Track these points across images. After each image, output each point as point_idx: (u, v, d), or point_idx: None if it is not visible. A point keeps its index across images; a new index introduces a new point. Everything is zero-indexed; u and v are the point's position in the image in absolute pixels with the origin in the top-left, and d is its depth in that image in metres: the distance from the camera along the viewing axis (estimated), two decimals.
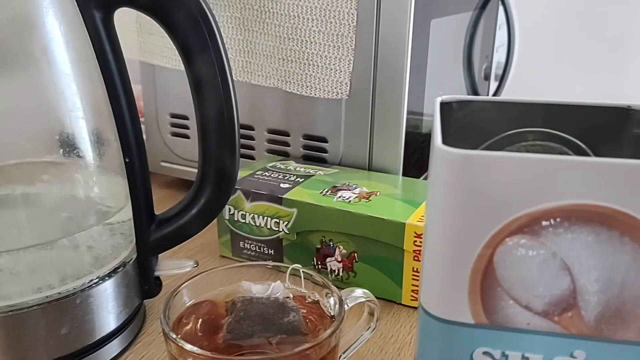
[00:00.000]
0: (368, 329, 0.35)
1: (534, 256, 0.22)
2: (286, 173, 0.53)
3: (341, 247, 0.47)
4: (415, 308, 0.45)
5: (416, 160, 0.57)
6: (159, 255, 0.42)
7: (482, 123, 0.31)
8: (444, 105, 0.29)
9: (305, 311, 0.32)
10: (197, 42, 0.37)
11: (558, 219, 0.21)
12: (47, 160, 0.34)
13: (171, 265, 0.42)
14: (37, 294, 0.33)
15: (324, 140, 0.56)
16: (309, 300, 0.33)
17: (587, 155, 0.28)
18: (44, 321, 0.34)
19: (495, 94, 0.76)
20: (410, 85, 0.50)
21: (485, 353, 0.23)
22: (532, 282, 0.22)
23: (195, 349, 0.27)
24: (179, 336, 0.28)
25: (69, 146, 0.34)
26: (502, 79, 0.76)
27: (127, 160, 0.37)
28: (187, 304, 0.32)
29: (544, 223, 0.21)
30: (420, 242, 0.43)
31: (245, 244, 0.51)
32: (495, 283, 0.22)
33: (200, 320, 0.32)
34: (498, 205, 0.21)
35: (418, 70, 0.52)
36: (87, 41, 0.34)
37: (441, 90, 0.58)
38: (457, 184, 0.22)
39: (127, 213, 0.38)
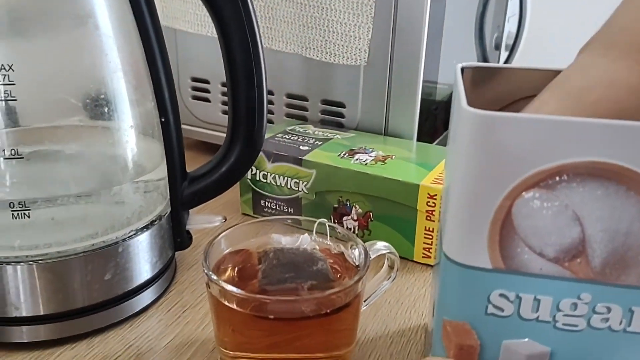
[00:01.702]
0: (388, 279, 0.37)
1: (549, 208, 0.24)
2: (305, 136, 0.55)
3: (357, 206, 0.50)
4: (427, 265, 0.48)
5: (429, 127, 0.59)
6: (190, 211, 0.44)
7: (497, 88, 0.33)
8: (463, 71, 0.31)
9: (331, 261, 0.35)
10: (229, 7, 0.38)
11: (571, 175, 0.24)
12: (90, 119, 0.36)
13: (201, 220, 0.45)
14: (84, 242, 0.36)
15: (342, 105, 0.58)
16: (334, 251, 0.36)
17: None
18: (90, 267, 0.37)
19: (505, 64, 0.78)
20: (426, 54, 0.52)
21: (501, 295, 0.26)
22: (546, 231, 0.25)
23: (236, 289, 0.30)
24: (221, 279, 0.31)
25: (111, 106, 0.37)
26: (512, 49, 0.78)
27: (162, 120, 0.40)
28: (224, 252, 0.35)
29: (559, 178, 0.24)
30: (433, 202, 0.46)
31: (266, 203, 0.54)
32: (512, 232, 0.25)
33: (236, 267, 0.35)
34: (517, 161, 0.24)
35: (434, 39, 0.54)
36: (127, 5, 0.36)
37: (455, 59, 0.60)
38: (481, 142, 0.24)
39: (162, 170, 0.41)
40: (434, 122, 0.60)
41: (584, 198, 0.24)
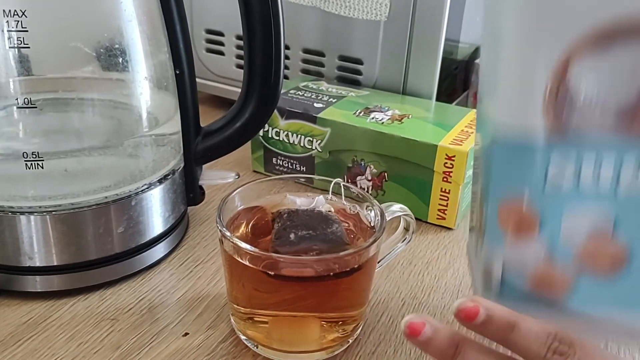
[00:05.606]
0: (404, 241, 0.37)
1: (606, 67, 0.23)
2: (319, 93, 0.54)
3: (372, 166, 0.49)
4: (441, 226, 0.47)
5: (447, 87, 0.57)
6: (203, 166, 0.44)
7: None
8: None
9: (346, 223, 0.35)
10: None
11: (635, 33, 0.22)
12: (104, 69, 0.36)
13: (215, 176, 0.44)
14: (97, 194, 0.36)
15: (360, 62, 0.56)
16: (350, 212, 0.36)
17: None
18: (103, 219, 0.36)
19: None
20: (450, 10, 0.50)
21: (559, 169, 0.25)
22: (605, 92, 0.23)
23: (249, 247, 0.30)
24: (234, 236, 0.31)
25: (125, 56, 0.36)
26: None
27: (177, 72, 0.39)
28: (238, 209, 0.35)
29: (621, 37, 0.22)
30: (451, 164, 0.45)
31: (278, 160, 0.53)
32: (569, 99, 0.24)
33: (250, 224, 0.34)
34: (575, 14, 0.23)
35: None
36: None
37: (478, 17, 0.58)
38: None
39: (176, 124, 0.40)
40: (454, 82, 0.58)
41: None
